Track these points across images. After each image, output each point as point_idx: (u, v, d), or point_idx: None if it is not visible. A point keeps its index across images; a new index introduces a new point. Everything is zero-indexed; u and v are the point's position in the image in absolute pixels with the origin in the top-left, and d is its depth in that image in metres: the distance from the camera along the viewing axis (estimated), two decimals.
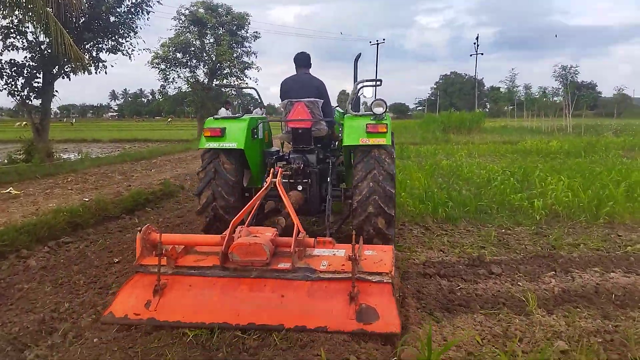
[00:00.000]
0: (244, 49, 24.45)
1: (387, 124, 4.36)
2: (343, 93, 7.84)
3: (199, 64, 24.03)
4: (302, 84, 5.15)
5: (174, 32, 23.39)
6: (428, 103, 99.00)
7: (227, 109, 13.84)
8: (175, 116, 79.13)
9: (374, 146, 4.36)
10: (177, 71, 23.76)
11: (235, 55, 23.46)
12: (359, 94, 5.27)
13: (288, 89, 5.19)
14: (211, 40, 23.90)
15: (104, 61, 13.16)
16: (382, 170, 4.33)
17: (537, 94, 34.06)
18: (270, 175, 4.37)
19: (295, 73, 5.35)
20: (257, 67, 24.93)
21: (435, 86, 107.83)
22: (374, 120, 4.39)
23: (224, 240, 3.33)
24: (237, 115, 5.05)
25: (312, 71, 5.41)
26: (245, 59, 24.57)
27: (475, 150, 16.25)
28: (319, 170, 4.99)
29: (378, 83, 4.97)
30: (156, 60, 23.03)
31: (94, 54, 13.05)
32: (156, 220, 6.87)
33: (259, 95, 6.16)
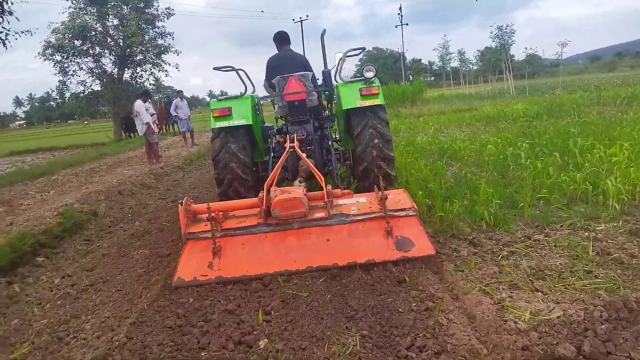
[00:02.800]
0: (156, 29, 20.82)
1: (378, 85, 4.86)
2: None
3: (104, 52, 20.13)
4: (288, 60, 5.56)
5: (67, 14, 19.24)
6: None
7: (144, 101, 10.99)
8: (90, 118, 72.59)
9: (369, 107, 4.83)
10: (78, 62, 19.70)
11: (147, 37, 19.80)
12: (340, 65, 5.43)
13: (276, 66, 5.55)
14: (115, 22, 20.07)
15: None
16: (379, 119, 4.88)
17: (472, 58, 33.48)
18: (288, 141, 4.80)
19: (277, 52, 5.78)
20: (176, 50, 21.36)
21: (359, 63, 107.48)
22: (366, 84, 4.83)
23: (262, 200, 3.80)
24: (237, 95, 5.16)
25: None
26: (160, 41, 20.93)
27: (434, 121, 14.60)
28: (318, 137, 5.38)
29: (362, 50, 5.51)
30: (49, 51, 18.83)
31: None
32: (50, 281, 4.30)
33: (247, 76, 5.69)
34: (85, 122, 66.46)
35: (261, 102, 6.01)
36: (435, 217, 4.66)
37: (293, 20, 50.19)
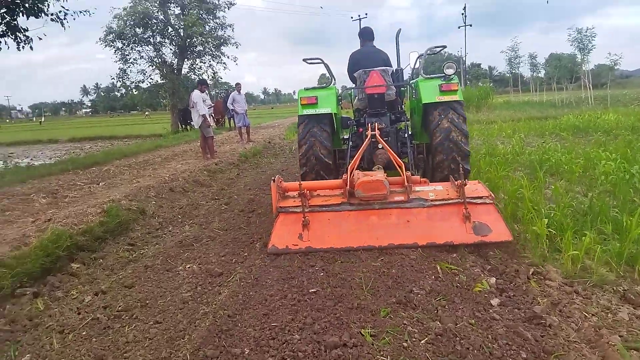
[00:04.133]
0: (216, 20, 20.27)
1: (457, 82, 5.02)
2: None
3: (165, 41, 19.83)
4: (371, 55, 5.96)
5: (129, 0, 18.90)
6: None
7: (202, 92, 10.37)
8: (152, 109, 75.05)
9: (447, 102, 4.96)
10: (139, 50, 19.54)
11: (207, 27, 19.37)
12: (420, 63, 5.64)
13: (359, 60, 5.92)
14: (176, 11, 19.68)
15: (23, 30, 9.12)
16: (457, 114, 4.98)
17: (545, 65, 30.96)
18: (369, 129, 5.02)
19: (360, 47, 6.27)
20: (236, 42, 20.82)
21: (417, 65, 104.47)
22: (445, 80, 4.99)
23: (345, 182, 4.15)
24: (323, 85, 5.57)
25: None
26: (220, 32, 20.40)
27: (510, 129, 13.17)
28: (395, 130, 5.62)
29: (443, 47, 5.83)
30: (110, 37, 18.69)
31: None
32: (80, 299, 3.56)
33: (328, 69, 5.92)
34: (147, 113, 68.40)
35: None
36: (564, 256, 3.55)
37: (352, 17, 48.53)
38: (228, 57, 20.78)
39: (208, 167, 9.23)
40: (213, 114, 11.50)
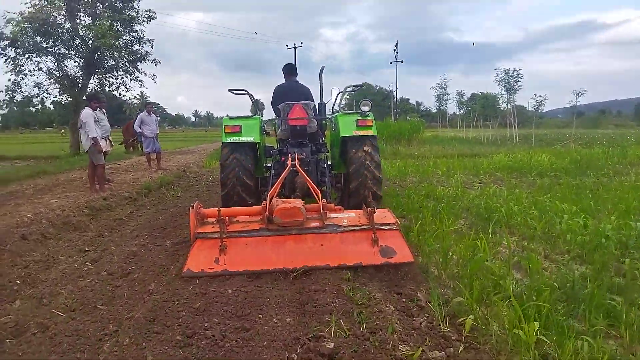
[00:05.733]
0: (133, 34, 18.19)
1: (372, 118, 5.57)
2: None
3: (70, 52, 17.36)
4: (294, 89, 6.41)
5: (28, 4, 16.23)
6: None
7: (94, 109, 8.55)
8: (69, 127, 69.04)
9: (363, 136, 5.50)
10: (37, 60, 16.80)
11: (121, 41, 17.12)
12: (340, 99, 6.31)
13: (282, 94, 6.35)
14: (87, 22, 17.31)
15: None
16: (371, 145, 5.51)
17: (469, 102, 31.66)
18: (290, 159, 5.33)
19: (284, 81, 6.65)
20: (155, 59, 18.86)
21: (348, 97, 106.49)
22: (361, 116, 5.51)
23: (264, 208, 4.34)
24: (248, 115, 5.78)
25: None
26: (137, 47, 18.26)
27: (445, 166, 12.49)
28: (315, 160, 5.94)
29: (360, 87, 6.75)
30: (1, 44, 16.01)
31: None
32: None
33: (253, 100, 6.35)
34: (62, 131, 62.84)
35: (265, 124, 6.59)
36: None
37: (287, 46, 48.44)
38: (145, 75, 18.75)
39: (92, 202, 7.36)
40: (109, 138, 9.59)
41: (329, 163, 6.27)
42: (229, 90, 6.04)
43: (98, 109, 9.30)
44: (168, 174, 12.04)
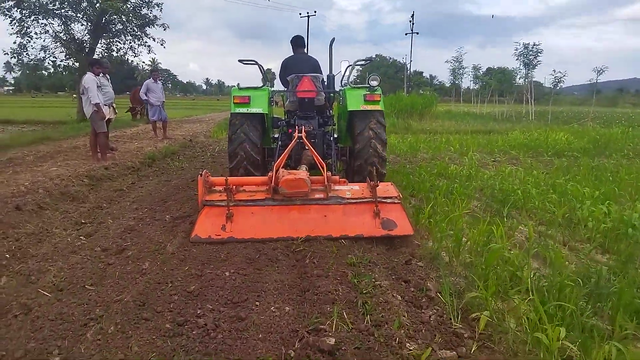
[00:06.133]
0: None
1: (380, 93, 5.56)
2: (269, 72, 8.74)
3: (77, 15, 16.75)
4: (302, 62, 6.29)
5: None
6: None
7: (96, 74, 8.24)
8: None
9: (370, 111, 5.51)
10: (43, 22, 16.29)
11: (129, 4, 16.62)
12: (349, 73, 6.23)
13: (291, 65, 6.28)
14: None
15: None
16: (378, 123, 5.54)
17: (485, 77, 30.73)
18: (297, 131, 5.37)
19: (292, 53, 6.52)
20: (164, 24, 18.33)
21: (360, 69, 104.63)
22: (369, 91, 5.50)
23: (270, 179, 4.43)
24: (258, 86, 5.76)
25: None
26: (146, 11, 17.69)
27: (458, 143, 12.09)
28: (321, 133, 5.96)
29: (369, 61, 7.20)
30: (5, 4, 15.38)
31: None
32: None
33: (262, 71, 6.24)
34: (74, 95, 62.64)
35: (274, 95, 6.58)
36: None
37: (300, 14, 47.04)
38: (154, 40, 18.28)
39: (93, 172, 7.15)
40: (113, 105, 9.31)
41: (335, 136, 6.34)
42: (239, 61, 6.04)
43: (101, 74, 9.00)
44: (174, 143, 11.79)
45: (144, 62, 22.93)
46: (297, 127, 5.54)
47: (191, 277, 3.40)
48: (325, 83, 6.53)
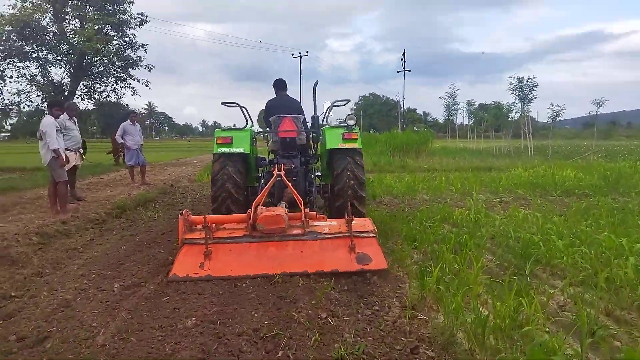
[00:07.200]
0: (125, 38, 17.08)
1: (357, 132, 5.80)
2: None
3: (57, 58, 16.12)
4: (285, 104, 6.59)
5: (9, 6, 14.77)
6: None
7: (56, 117, 7.42)
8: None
9: (349, 149, 5.71)
10: (19, 65, 15.60)
11: (110, 46, 15.98)
12: (328, 113, 6.44)
13: (273, 108, 6.55)
14: (75, 25, 16.15)
15: None
16: (356, 163, 5.68)
17: (483, 112, 30.23)
18: (276, 170, 5.64)
19: (275, 96, 6.85)
20: (148, 65, 17.72)
21: (355, 107, 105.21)
22: (348, 130, 5.75)
23: (249, 216, 4.50)
24: (239, 127, 6.04)
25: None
26: (130, 52, 17.19)
27: (459, 182, 11.26)
28: (303, 170, 6.26)
29: (347, 102, 6.54)
30: None
31: None
32: None
33: (247, 113, 6.41)
34: (28, 139, 61.96)
35: (257, 136, 6.84)
36: None
37: (292, 55, 47.48)
38: (138, 81, 17.68)
39: (46, 228, 6.19)
40: (79, 151, 8.48)
41: (318, 174, 6.65)
42: (222, 104, 6.27)
43: (68, 117, 8.22)
44: (152, 189, 10.87)
45: (141, 108, 22.34)
46: (275, 166, 5.82)
47: None
48: (310, 123, 6.71)
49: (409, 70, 47.38)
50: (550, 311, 3.60)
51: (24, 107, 16.70)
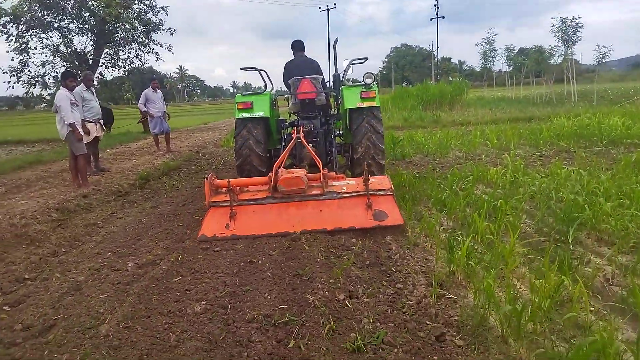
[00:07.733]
0: (145, 1, 16.65)
1: (375, 90, 5.75)
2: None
3: (79, 26, 15.91)
4: (303, 65, 6.55)
5: None
6: (380, 78, 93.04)
7: (70, 89, 7.22)
8: (114, 104, 69.79)
9: (366, 108, 5.72)
10: (42, 36, 15.48)
11: (130, 10, 15.67)
12: (347, 71, 6.34)
13: (292, 69, 6.50)
14: None
15: None
16: (374, 117, 5.73)
17: (523, 57, 28.39)
18: (295, 132, 5.81)
19: (293, 57, 6.77)
20: (170, 29, 17.40)
21: (386, 60, 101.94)
22: (365, 88, 5.71)
23: (271, 179, 4.76)
24: (259, 91, 6.11)
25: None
26: (151, 16, 16.81)
27: (494, 135, 10.56)
28: (324, 131, 6.29)
29: (365, 60, 6.30)
30: (2, 20, 14.61)
31: None
32: None
33: (267, 76, 6.48)
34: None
35: (277, 98, 6.94)
36: None
37: (319, 8, 45.97)
38: (161, 46, 17.43)
39: (66, 203, 6.14)
40: (100, 121, 8.35)
41: (339, 133, 6.79)
42: (242, 69, 6.41)
43: (86, 89, 8.05)
44: (177, 157, 10.77)
45: (173, 72, 22.14)
46: (297, 128, 5.94)
47: None
48: (331, 82, 6.78)
49: (443, 17, 45.18)
50: (596, 284, 3.21)
51: (48, 78, 16.68)
